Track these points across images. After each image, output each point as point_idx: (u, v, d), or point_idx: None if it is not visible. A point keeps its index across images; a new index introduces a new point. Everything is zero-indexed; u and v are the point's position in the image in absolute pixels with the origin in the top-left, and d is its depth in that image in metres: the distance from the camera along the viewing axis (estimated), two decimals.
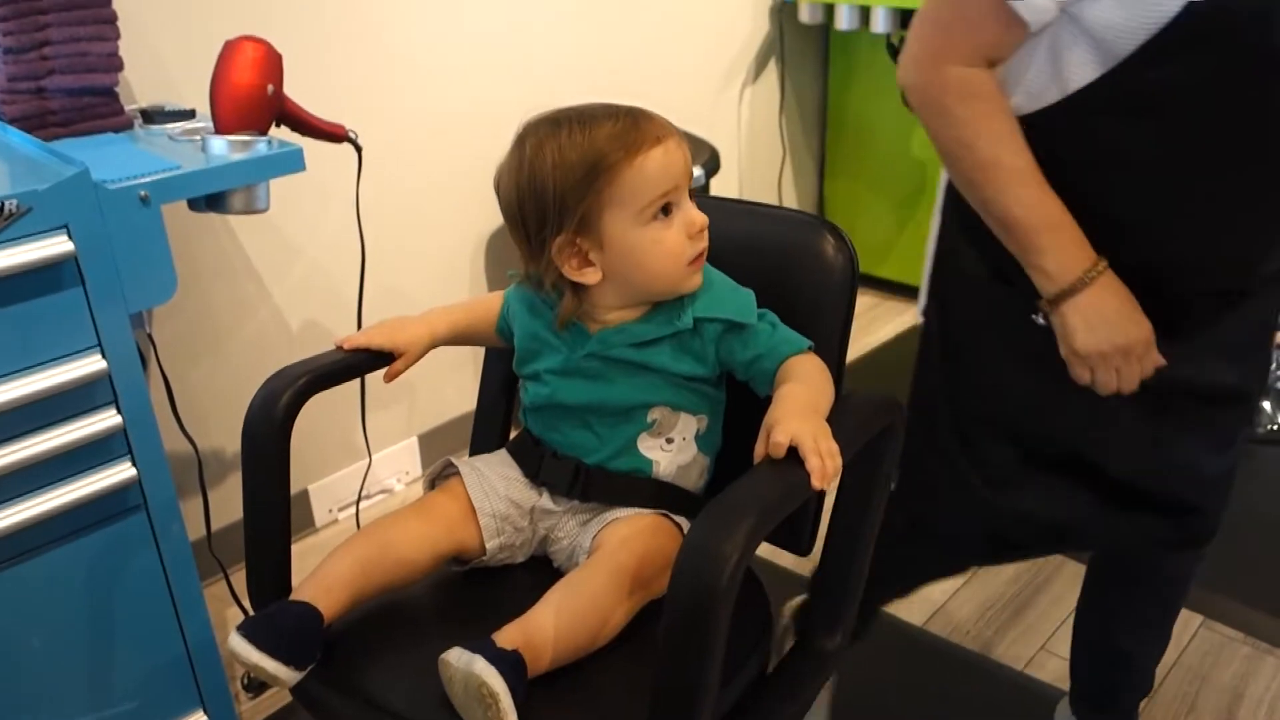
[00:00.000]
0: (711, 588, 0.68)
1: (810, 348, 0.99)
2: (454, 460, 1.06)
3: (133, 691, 1.36)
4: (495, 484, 1.04)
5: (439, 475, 1.08)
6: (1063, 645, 1.69)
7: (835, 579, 0.98)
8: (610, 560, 0.93)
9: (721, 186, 2.72)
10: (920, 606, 1.79)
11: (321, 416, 1.97)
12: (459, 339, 1.16)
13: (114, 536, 1.28)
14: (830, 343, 1.00)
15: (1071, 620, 1.73)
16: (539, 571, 1.03)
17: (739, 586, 0.69)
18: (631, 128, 0.93)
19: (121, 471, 1.25)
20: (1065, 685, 1.60)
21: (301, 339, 1.91)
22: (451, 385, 2.23)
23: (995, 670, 1.65)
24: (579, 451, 1.03)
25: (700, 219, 0.97)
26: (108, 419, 1.22)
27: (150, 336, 1.41)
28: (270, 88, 1.35)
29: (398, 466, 2.18)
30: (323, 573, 0.95)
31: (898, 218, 2.92)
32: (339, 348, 1.07)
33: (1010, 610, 1.78)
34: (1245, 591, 1.78)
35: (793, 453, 0.80)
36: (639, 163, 0.93)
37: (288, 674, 0.87)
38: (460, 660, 0.80)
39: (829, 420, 0.87)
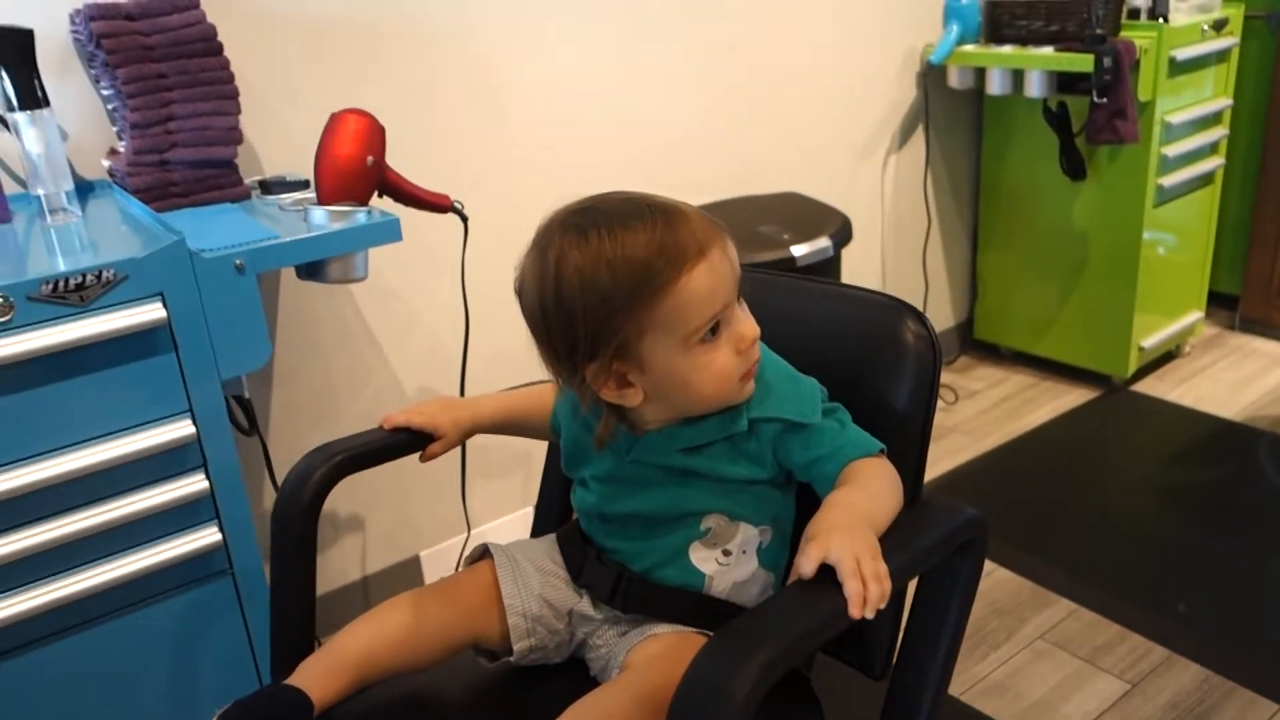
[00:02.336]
0: None
1: (882, 451, 0.88)
2: (490, 547, 1.00)
3: None
4: (531, 580, 0.97)
5: (473, 560, 1.02)
6: None
7: (903, 713, 0.85)
8: (634, 681, 0.84)
9: (861, 257, 2.61)
10: None
11: (439, 483, 1.98)
12: (508, 428, 1.11)
13: (199, 600, 1.30)
14: (905, 445, 0.89)
15: None
16: (574, 678, 0.95)
17: None
18: (669, 238, 0.81)
19: (207, 535, 1.27)
20: None
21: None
22: None
23: None
24: (625, 557, 0.95)
25: (751, 332, 0.86)
26: (195, 483, 1.24)
27: (249, 400, 1.43)
28: (370, 159, 1.36)
29: (511, 536, 2.15)
30: (328, 653, 0.91)
31: (1058, 292, 2.72)
32: (381, 427, 1.04)
33: None
34: None
35: (833, 573, 0.70)
36: (682, 284, 0.81)
37: None
38: None
39: (888, 534, 0.76)
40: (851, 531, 0.73)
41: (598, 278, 0.81)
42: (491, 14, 1.84)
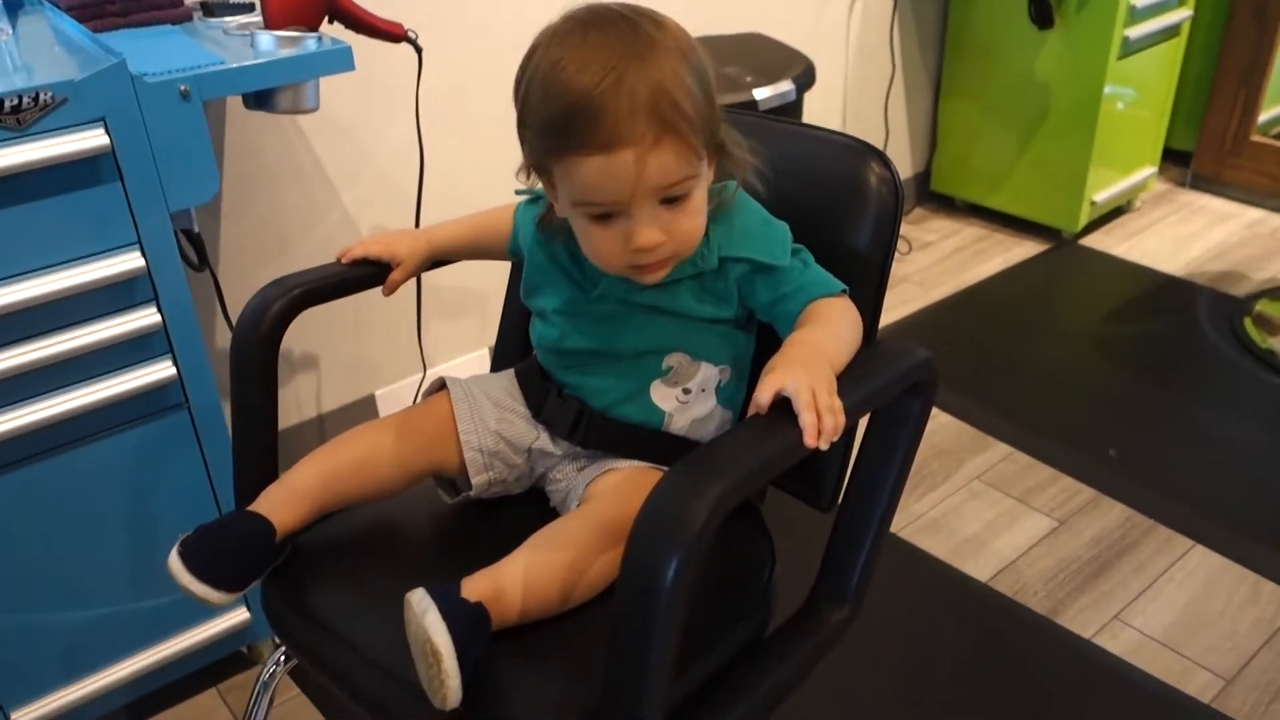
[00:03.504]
0: (667, 551, 0.61)
1: (844, 291, 0.88)
2: (447, 380, 1.01)
3: (174, 585, 1.39)
4: (488, 415, 0.98)
5: (431, 393, 1.03)
6: (1138, 616, 1.58)
7: (847, 544, 0.90)
8: (594, 511, 0.87)
9: (823, 102, 2.57)
10: (988, 560, 1.70)
11: (394, 322, 1.97)
12: (465, 253, 1.10)
13: (155, 433, 1.30)
14: (866, 285, 0.90)
15: (1153, 590, 1.61)
16: (535, 507, 0.98)
17: (701, 551, 0.62)
18: (593, 108, 0.76)
19: (161, 370, 1.26)
20: (1135, 659, 1.49)
21: None
22: None
23: (1060, 636, 1.55)
24: (585, 394, 0.96)
25: (642, 240, 0.82)
26: (147, 316, 1.22)
27: (200, 235, 1.40)
28: None
29: (467, 375, 2.17)
30: (287, 481, 0.92)
31: (1015, 145, 2.71)
32: (338, 260, 1.03)
33: (1086, 574, 1.67)
34: None
35: (790, 406, 0.71)
36: (573, 161, 0.79)
37: (218, 597, 0.85)
38: (419, 606, 0.75)
39: (844, 372, 0.78)
40: (809, 366, 0.74)
41: (534, 91, 0.81)
42: None
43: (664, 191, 0.81)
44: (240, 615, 1.45)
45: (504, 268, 1.17)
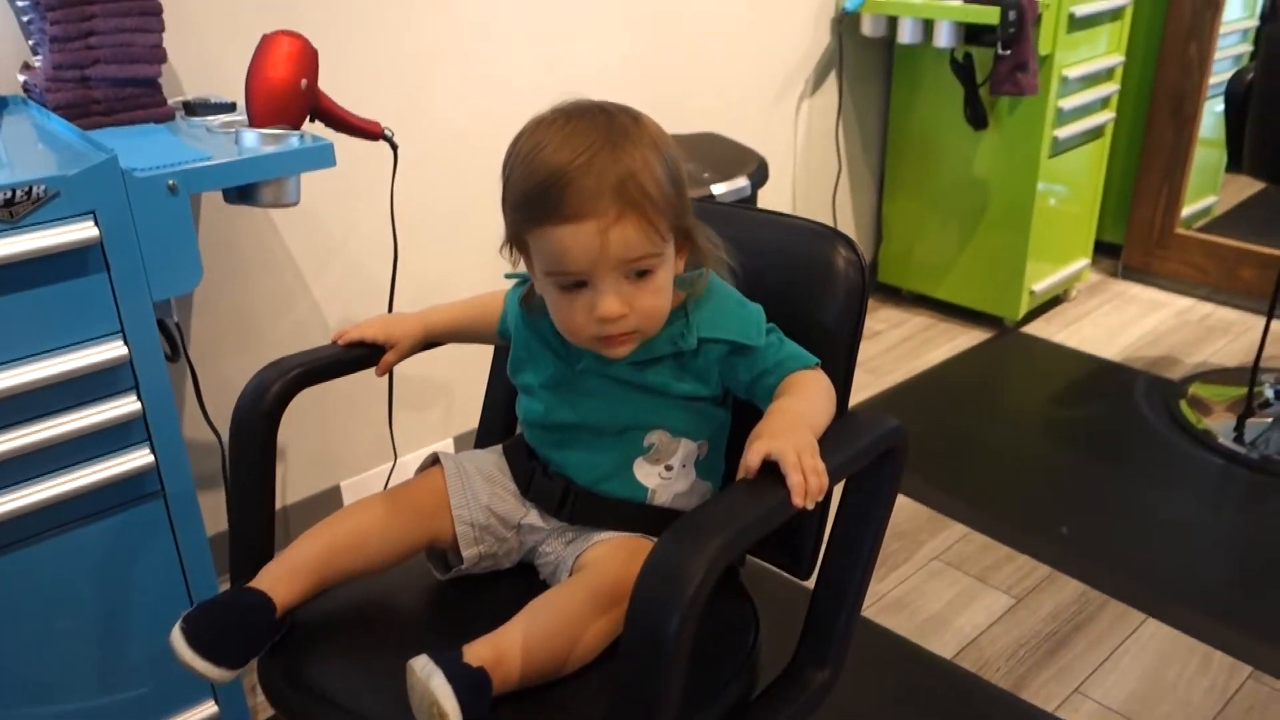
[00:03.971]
0: (669, 610, 0.65)
1: (817, 364, 0.94)
2: (440, 456, 1.04)
3: (145, 678, 1.37)
4: (479, 490, 1.01)
5: (425, 469, 1.05)
6: (1097, 689, 1.62)
7: (827, 607, 0.93)
8: (587, 579, 0.90)
9: (774, 198, 2.68)
10: (951, 638, 1.73)
11: (360, 414, 1.99)
12: (458, 336, 1.14)
13: (130, 522, 1.30)
14: (836, 360, 0.96)
15: (1110, 663, 1.66)
16: (525, 580, 1.00)
17: (700, 610, 0.66)
18: (567, 182, 0.84)
19: (139, 457, 1.27)
20: None
21: None
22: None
23: (1025, 710, 1.58)
24: (570, 470, 0.99)
25: (605, 311, 0.87)
26: (127, 404, 1.24)
27: (178, 325, 1.42)
28: (304, 82, 1.36)
29: None
30: (287, 558, 0.93)
31: (957, 238, 2.85)
32: (334, 342, 1.07)
33: (1045, 649, 1.71)
34: None
35: (776, 470, 0.76)
36: (544, 230, 0.86)
37: (219, 674, 0.86)
38: (423, 671, 0.77)
39: (823, 439, 0.83)
40: (793, 432, 0.79)
41: (515, 171, 0.88)
42: None
43: (627, 265, 0.87)
44: (208, 709, 1.43)
45: (472, 359, 1.20)
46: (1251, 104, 2.09)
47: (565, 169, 0.84)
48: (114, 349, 1.21)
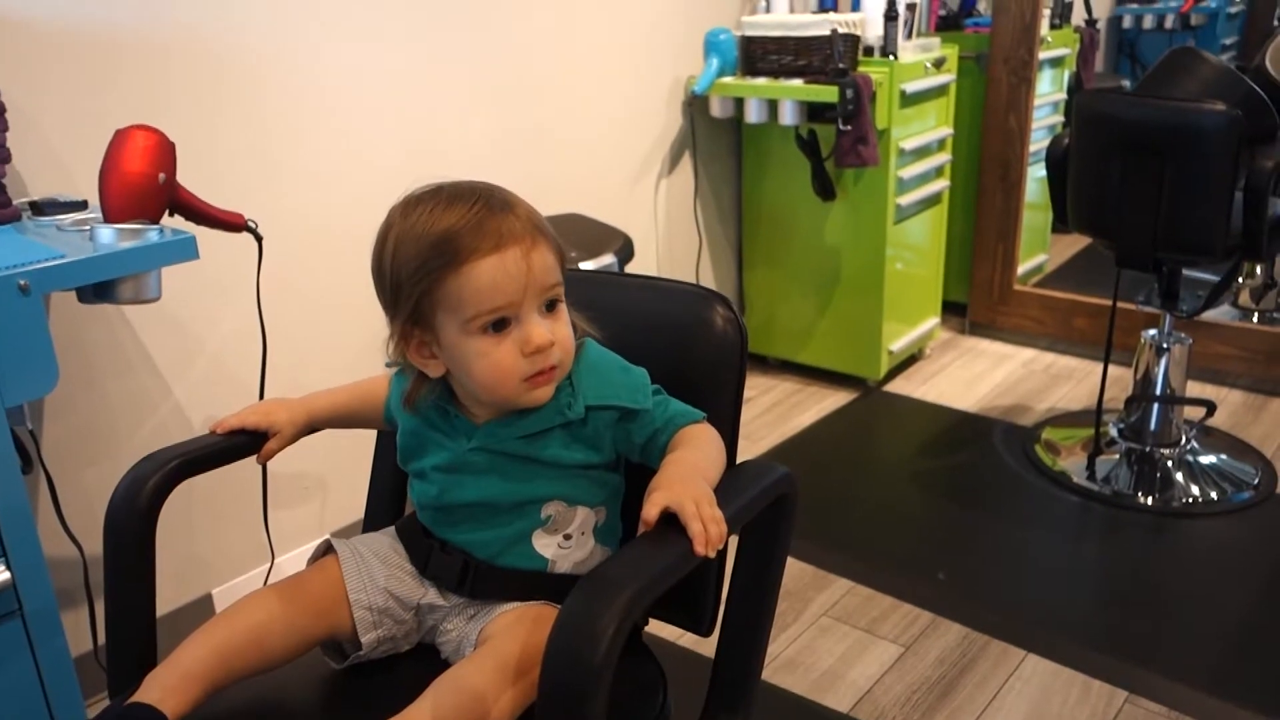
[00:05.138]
0: (585, 665, 0.64)
1: (704, 419, 0.96)
2: (333, 542, 1.00)
3: None
4: (376, 573, 0.98)
5: (318, 556, 1.02)
6: None
7: (734, 658, 0.94)
8: (493, 650, 0.88)
9: (641, 272, 2.73)
10: (846, 691, 1.76)
11: (229, 516, 1.91)
12: (342, 421, 1.12)
13: None
14: (723, 414, 0.99)
15: (997, 701, 1.71)
16: (425, 661, 0.97)
17: (614, 664, 0.66)
18: (474, 225, 0.86)
19: None
20: None
21: None
22: (364, 480, 2.17)
23: None
24: (469, 546, 0.98)
25: (539, 339, 0.89)
26: None
27: (32, 433, 1.35)
28: (162, 176, 1.33)
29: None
30: (177, 664, 0.87)
31: (815, 305, 2.96)
32: (213, 431, 1.03)
33: (937, 693, 1.75)
34: (1169, 666, 1.78)
35: (676, 521, 0.77)
36: (466, 270, 0.86)
37: None
38: None
39: (718, 488, 0.84)
40: (689, 483, 0.81)
41: (404, 244, 0.88)
42: (285, 39, 1.83)
43: (546, 293, 0.90)
44: None
45: (346, 450, 1.17)
46: (1070, 162, 2.28)
47: (465, 216, 0.87)
48: None
